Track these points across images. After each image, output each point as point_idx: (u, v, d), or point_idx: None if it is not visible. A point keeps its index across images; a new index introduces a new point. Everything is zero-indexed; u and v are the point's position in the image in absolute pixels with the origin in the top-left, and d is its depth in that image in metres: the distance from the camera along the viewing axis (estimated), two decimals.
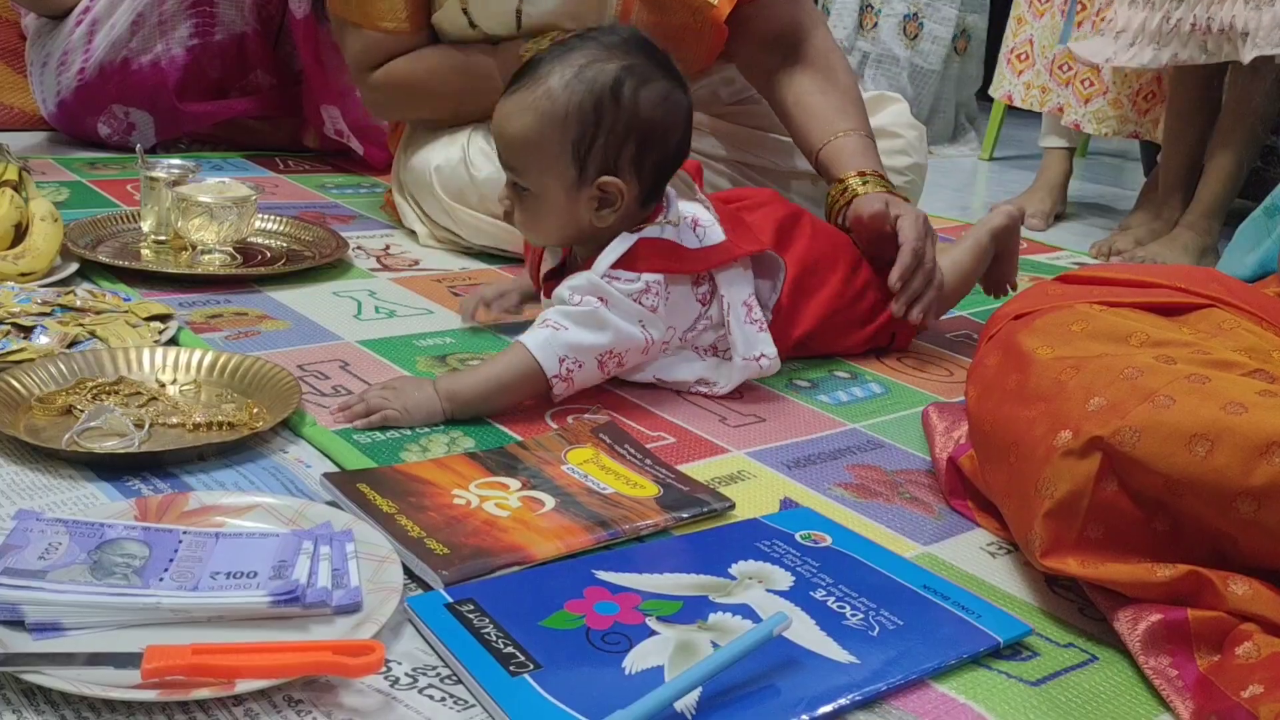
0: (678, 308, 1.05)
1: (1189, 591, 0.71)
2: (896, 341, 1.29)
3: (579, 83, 0.98)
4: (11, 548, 0.67)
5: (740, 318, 1.06)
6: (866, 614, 0.71)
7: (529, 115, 0.98)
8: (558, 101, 0.98)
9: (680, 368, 1.09)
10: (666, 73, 1.02)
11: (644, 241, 1.01)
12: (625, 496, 0.85)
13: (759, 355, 1.06)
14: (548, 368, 0.98)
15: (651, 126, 1.00)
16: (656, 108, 1.00)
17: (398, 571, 0.71)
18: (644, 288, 1.01)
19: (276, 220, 1.51)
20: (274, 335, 1.15)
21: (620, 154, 0.99)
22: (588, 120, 0.98)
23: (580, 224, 1.02)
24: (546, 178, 1.00)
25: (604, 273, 1.00)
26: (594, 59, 0.99)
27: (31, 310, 1.06)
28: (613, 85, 0.98)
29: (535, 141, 0.98)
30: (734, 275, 1.07)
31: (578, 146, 0.98)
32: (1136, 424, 0.70)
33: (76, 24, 1.92)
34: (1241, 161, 1.96)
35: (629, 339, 1.01)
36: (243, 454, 0.89)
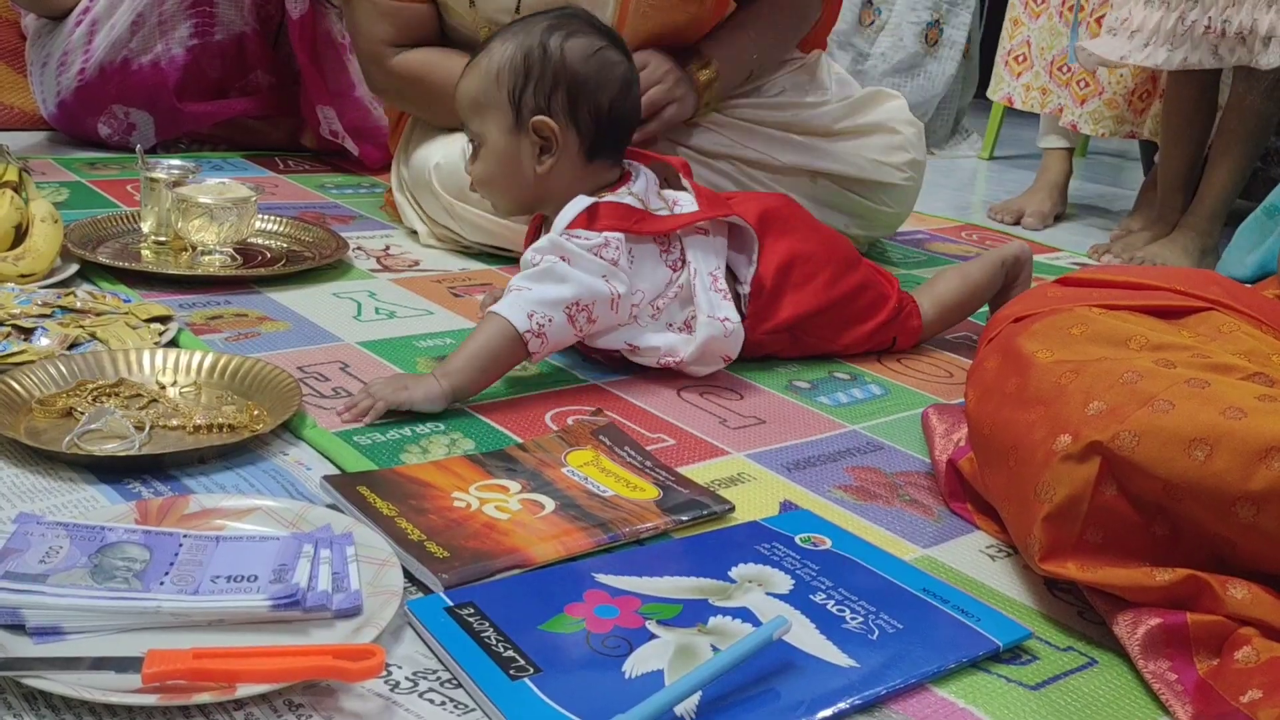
0: (644, 270, 1.09)
1: (1188, 595, 0.71)
2: (898, 344, 1.29)
3: (511, 41, 1.09)
4: (12, 551, 0.67)
5: (706, 284, 1.10)
6: (866, 617, 0.71)
7: (473, 75, 1.10)
8: (494, 59, 1.09)
9: (651, 336, 1.10)
10: (602, 34, 1.11)
11: (603, 204, 1.07)
12: (625, 499, 0.86)
13: (723, 318, 1.09)
14: (518, 324, 1.00)
15: (579, 74, 1.08)
16: (584, 58, 1.08)
17: (398, 575, 0.71)
18: (603, 242, 1.05)
19: (276, 221, 1.51)
20: (274, 337, 1.16)
21: (551, 99, 1.08)
22: (518, 69, 1.08)
23: (525, 174, 1.10)
24: (488, 125, 1.10)
25: (561, 231, 1.05)
26: (528, 24, 1.10)
27: (32, 312, 1.06)
28: (540, 36, 1.08)
29: (478, 96, 1.09)
30: (703, 244, 1.12)
31: (512, 94, 1.08)
32: (1136, 428, 0.71)
33: (76, 24, 1.92)
34: (1244, 163, 1.96)
35: (592, 291, 1.04)
36: (243, 456, 0.89)
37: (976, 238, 2.06)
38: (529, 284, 1.03)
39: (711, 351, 1.10)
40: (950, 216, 2.24)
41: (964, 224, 2.18)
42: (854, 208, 1.65)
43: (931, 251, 1.89)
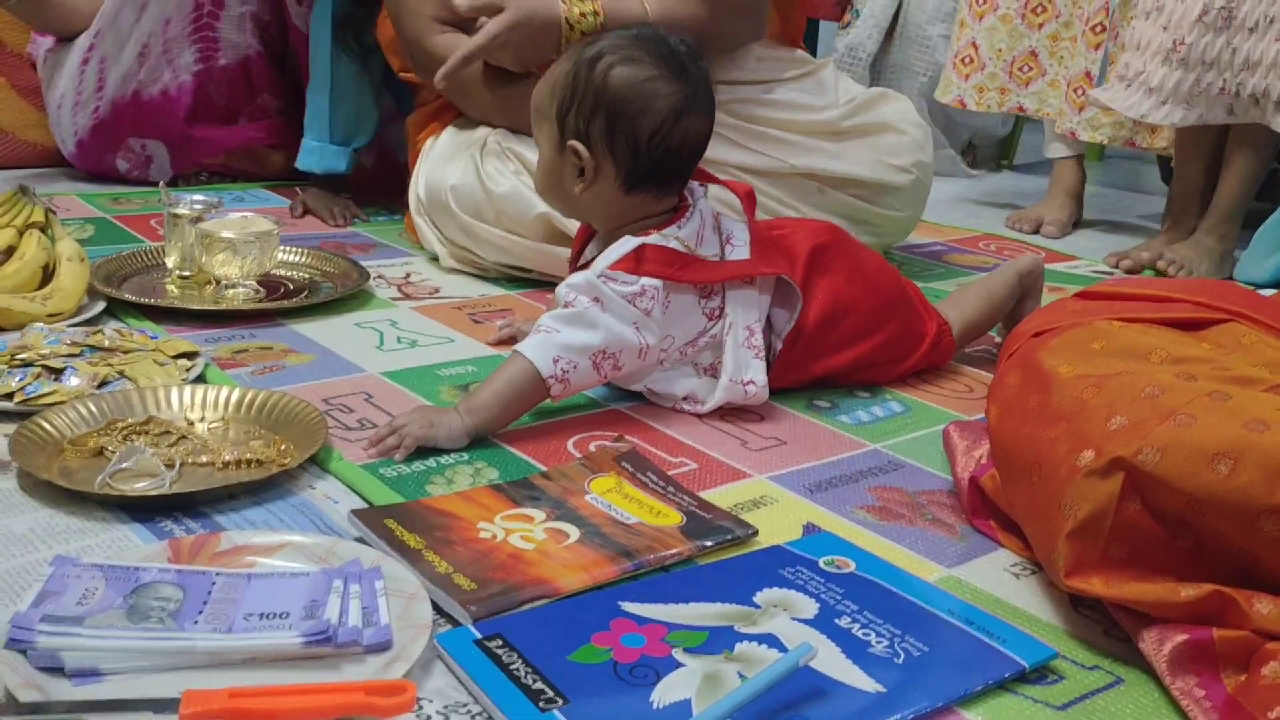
0: (679, 317, 1.07)
1: (1213, 611, 0.71)
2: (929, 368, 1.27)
3: (570, 57, 1.08)
4: (50, 594, 0.69)
5: (739, 339, 1.08)
6: (892, 641, 0.72)
7: (543, 81, 1.11)
8: (555, 73, 1.09)
9: (674, 382, 1.10)
10: (662, 64, 1.05)
11: (649, 247, 1.05)
12: (649, 526, 0.86)
13: (747, 380, 1.08)
14: (542, 369, 1.00)
15: (618, 103, 1.05)
16: (627, 85, 1.05)
17: (427, 608, 0.72)
18: (639, 290, 1.04)
19: (298, 252, 1.52)
20: (299, 369, 1.17)
21: (590, 125, 1.06)
22: (567, 87, 1.07)
23: (568, 191, 1.10)
24: (542, 137, 1.11)
25: (601, 272, 1.04)
26: (590, 42, 1.09)
27: (61, 351, 1.08)
28: (590, 58, 1.06)
29: (538, 104, 1.10)
30: (746, 297, 1.09)
31: (560, 110, 1.07)
32: (1158, 443, 0.71)
33: (84, 63, 1.95)
34: (1257, 165, 1.95)
35: (621, 340, 1.03)
36: (271, 491, 0.90)
37: (994, 248, 2.06)
38: (558, 325, 1.03)
39: (730, 405, 1.11)
40: (968, 226, 2.24)
41: (982, 234, 2.18)
42: (863, 215, 1.65)
43: (950, 264, 1.89)
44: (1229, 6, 1.78)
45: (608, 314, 1.03)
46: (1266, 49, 1.77)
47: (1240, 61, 1.79)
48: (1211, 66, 1.82)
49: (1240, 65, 1.79)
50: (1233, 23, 1.79)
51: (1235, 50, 1.79)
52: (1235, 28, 1.79)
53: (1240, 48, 1.79)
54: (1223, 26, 1.80)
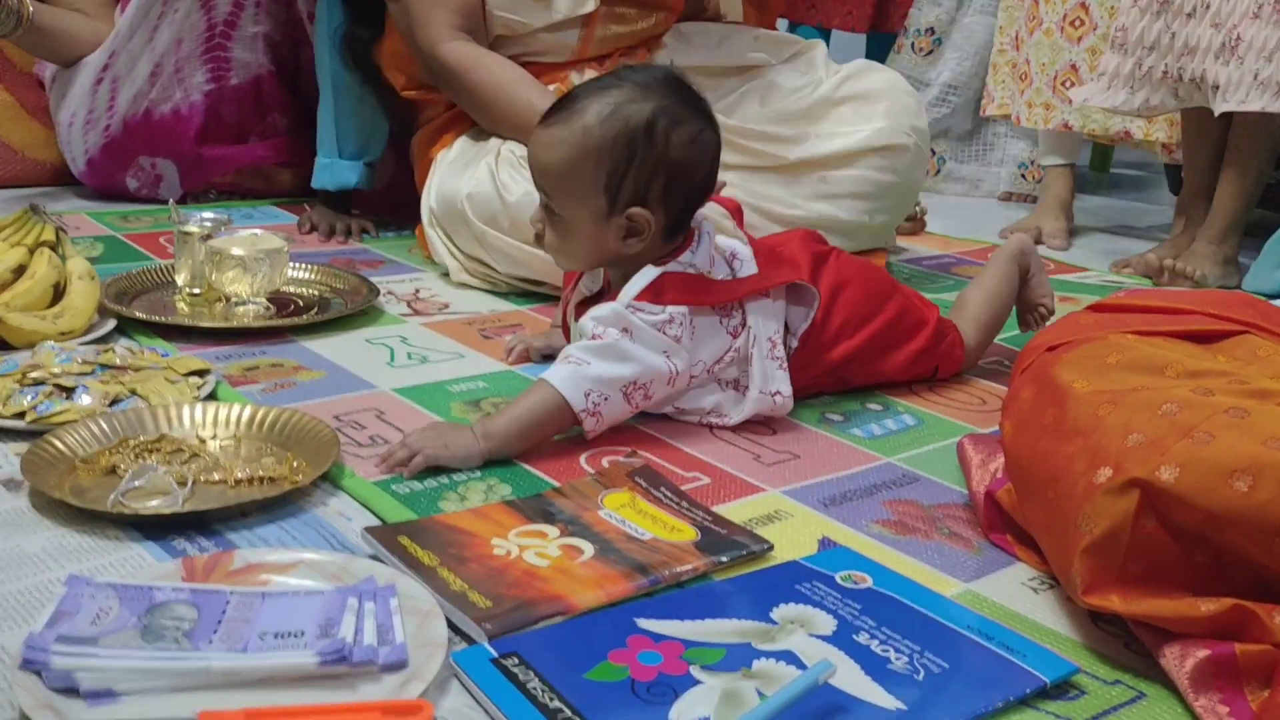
0: (705, 341, 1.07)
1: (1234, 625, 0.70)
2: (940, 372, 1.28)
3: (614, 120, 1.02)
4: (64, 614, 0.68)
5: (764, 352, 1.09)
6: (911, 657, 0.71)
7: (566, 148, 1.03)
8: (593, 136, 1.02)
9: (699, 398, 1.10)
10: (697, 112, 1.06)
11: (669, 275, 1.05)
12: (664, 541, 0.86)
13: (775, 392, 1.09)
14: (574, 403, 1.00)
15: (681, 164, 1.04)
16: (687, 147, 1.04)
17: (442, 626, 0.71)
18: (668, 319, 1.03)
19: (308, 269, 1.53)
20: (310, 386, 1.17)
21: (649, 188, 1.04)
22: (620, 156, 1.02)
23: (607, 251, 1.07)
24: (578, 206, 1.04)
25: (628, 304, 1.03)
26: (629, 98, 1.03)
27: (73, 370, 1.07)
28: (646, 124, 1.02)
29: (570, 172, 1.03)
30: (765, 307, 1.10)
31: (610, 179, 1.03)
32: (1177, 460, 0.70)
33: (97, 82, 1.95)
34: (1256, 172, 1.95)
35: (652, 370, 1.03)
36: (284, 509, 0.90)
37: None
38: (588, 358, 1.01)
39: (756, 416, 1.11)
40: (974, 238, 2.23)
41: (991, 245, 2.18)
42: (865, 187, 1.63)
43: (958, 275, 1.89)
44: None
45: (638, 344, 1.02)
46: (1203, 34, 1.80)
47: (1180, 46, 1.83)
48: (1152, 50, 1.85)
49: (1180, 50, 1.82)
50: (1169, 7, 1.83)
51: (1174, 35, 1.83)
52: (1173, 13, 1.83)
53: (1179, 32, 1.83)
54: (1160, 10, 1.84)
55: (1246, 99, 1.76)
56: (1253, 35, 1.75)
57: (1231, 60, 1.77)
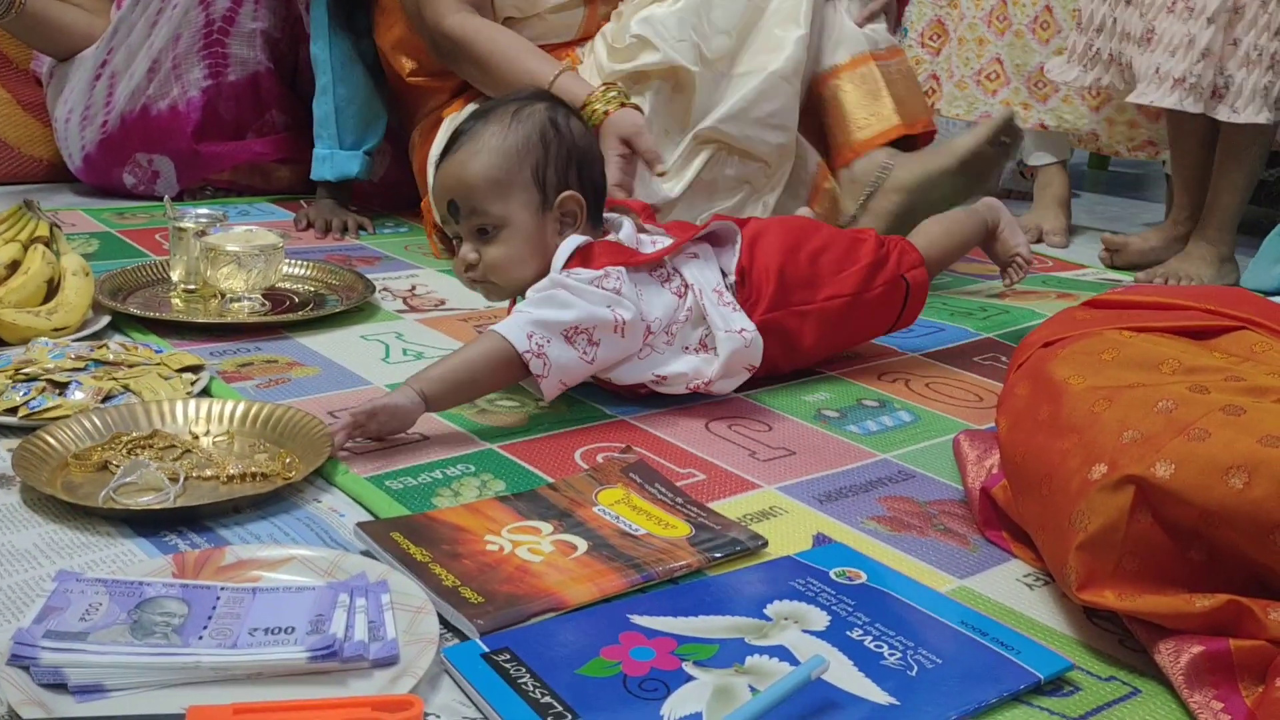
0: (650, 298, 1.11)
1: (1229, 621, 0.70)
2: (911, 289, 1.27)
3: (519, 122, 1.11)
4: (53, 609, 0.68)
5: (714, 302, 1.13)
6: (904, 653, 0.71)
7: (485, 155, 1.09)
8: (509, 138, 1.10)
9: (673, 363, 1.12)
10: (576, 112, 1.19)
11: (595, 243, 1.11)
12: (657, 537, 0.85)
13: (739, 329, 1.12)
14: (517, 343, 1.02)
15: (584, 150, 1.14)
16: (584, 135, 1.16)
17: (433, 622, 0.71)
18: (602, 274, 1.07)
19: (303, 265, 1.52)
20: (304, 382, 1.17)
21: (568, 174, 1.12)
22: (537, 148, 1.10)
23: (547, 250, 1.11)
24: (514, 206, 1.09)
25: (558, 269, 1.08)
26: (519, 105, 1.12)
27: (66, 366, 1.07)
28: (548, 119, 1.12)
29: (499, 175, 1.09)
30: (696, 265, 1.15)
31: (536, 172, 1.10)
32: (1172, 456, 0.70)
33: (95, 78, 1.95)
34: (1248, 169, 1.95)
35: (595, 316, 1.05)
36: (277, 505, 0.89)
37: None
38: (528, 307, 1.06)
39: (735, 365, 1.12)
40: None
41: None
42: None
43: (955, 271, 1.88)
44: None
45: (580, 297, 1.05)
46: (1133, 21, 1.85)
47: (1119, 30, 1.88)
48: (1100, 32, 1.91)
49: (1120, 34, 1.88)
50: None
51: (1115, 20, 1.89)
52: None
53: (1119, 17, 1.88)
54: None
55: (1145, 91, 1.81)
56: (1164, 29, 1.79)
57: (1145, 50, 1.82)
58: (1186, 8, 1.76)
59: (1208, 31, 1.74)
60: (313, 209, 1.89)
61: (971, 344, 1.43)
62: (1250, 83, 1.74)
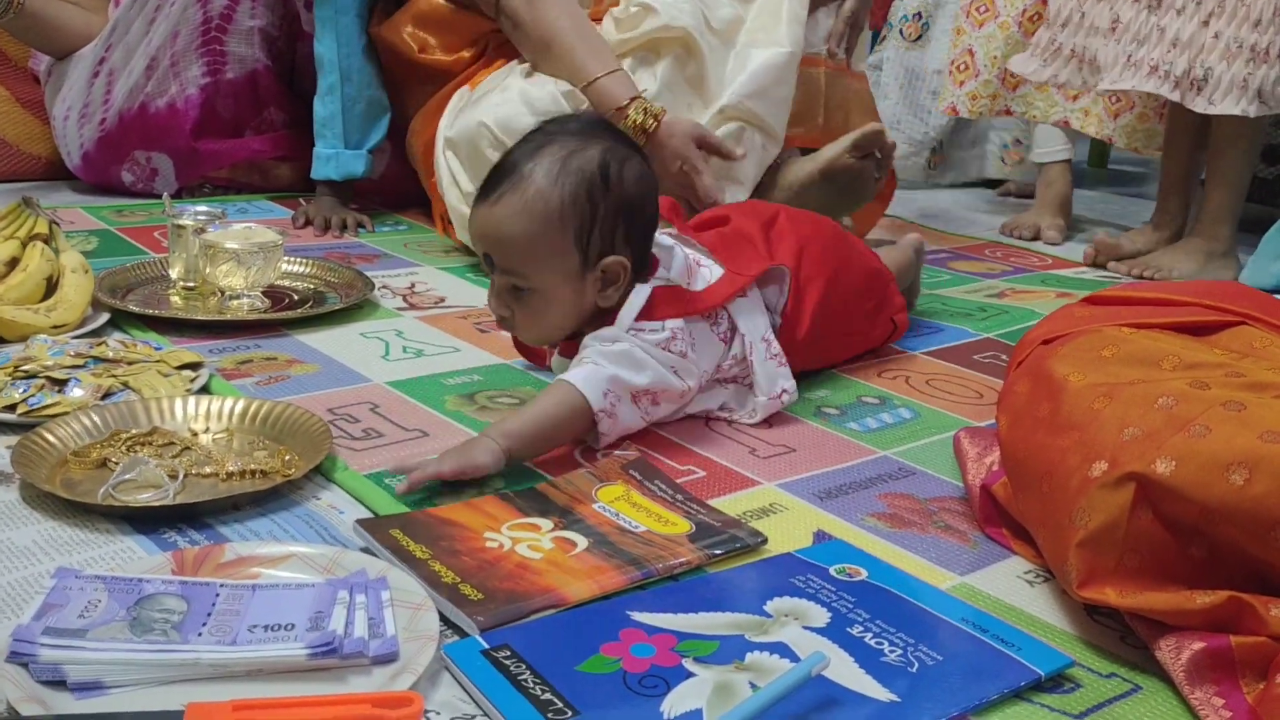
0: (704, 350, 1.07)
1: (1229, 617, 0.70)
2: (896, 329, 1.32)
3: (567, 175, 0.99)
4: (52, 606, 0.68)
5: (761, 355, 1.09)
6: (905, 650, 0.71)
7: (526, 217, 0.98)
8: (552, 198, 0.98)
9: (706, 400, 1.10)
10: (633, 146, 1.05)
11: (658, 290, 1.04)
12: (657, 534, 0.85)
13: (780, 392, 1.10)
14: (593, 400, 0.97)
15: (636, 201, 1.02)
16: (638, 183, 1.03)
17: (433, 619, 0.71)
18: (670, 335, 1.02)
19: (303, 262, 1.52)
20: (303, 379, 1.16)
21: (615, 233, 1.01)
22: (583, 209, 0.99)
23: (585, 309, 1.03)
24: (551, 273, 1.00)
25: (629, 327, 1.02)
26: (573, 148, 1.00)
27: (65, 363, 1.07)
28: (600, 170, 1.00)
29: (537, 240, 0.99)
30: (748, 306, 1.10)
31: (579, 236, 1.00)
32: (1173, 453, 0.70)
33: (93, 75, 1.94)
34: (1242, 166, 1.95)
35: (665, 382, 1.02)
36: (276, 502, 0.89)
37: (1000, 254, 2.05)
38: (603, 361, 0.99)
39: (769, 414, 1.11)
40: (968, 234, 2.23)
41: (988, 242, 2.17)
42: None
43: (955, 270, 1.88)
44: None
45: (651, 359, 1.01)
46: (1100, 13, 1.85)
47: (1087, 25, 1.88)
48: (1064, 27, 1.91)
49: (1088, 29, 1.88)
50: None
51: (1084, 14, 1.89)
52: None
53: (1089, 12, 1.88)
54: None
55: (1119, 78, 1.81)
56: (1130, 18, 1.80)
57: (1110, 39, 1.82)
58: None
59: (1177, 21, 1.75)
60: (312, 206, 1.88)
61: (971, 344, 1.43)
62: (1229, 75, 1.73)
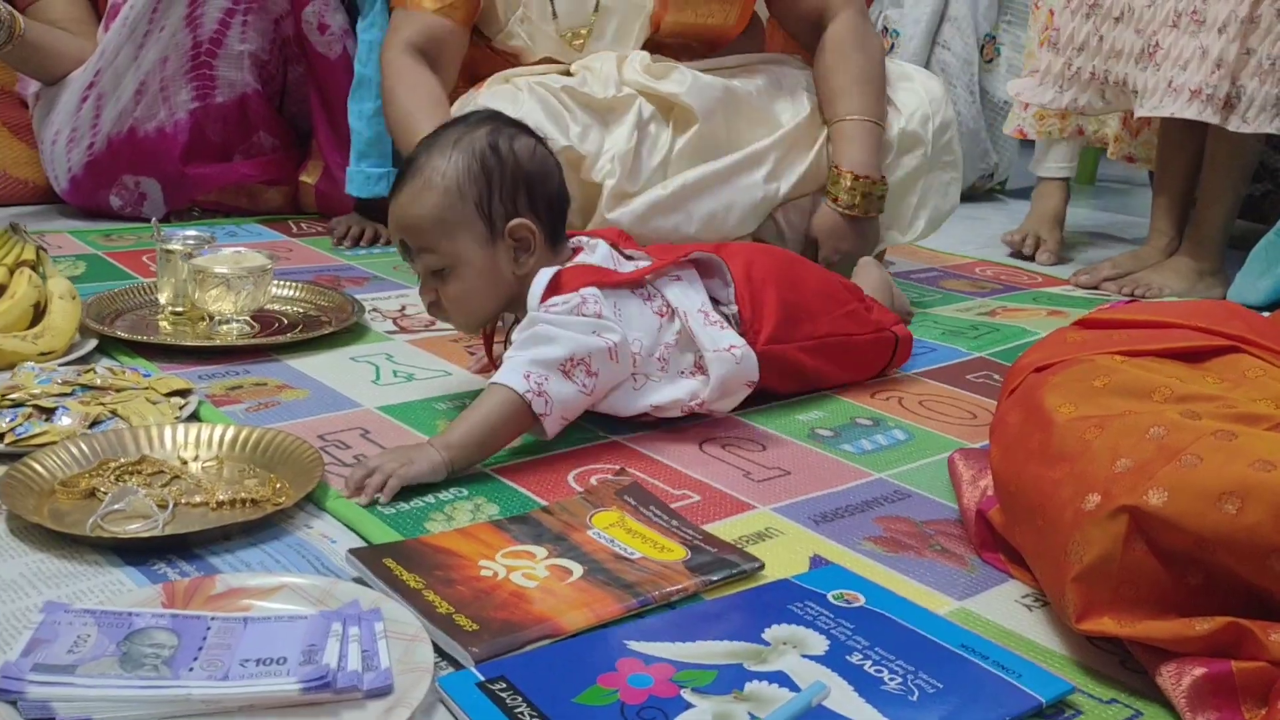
0: (632, 318, 1.09)
1: (1229, 643, 0.70)
2: (896, 360, 1.32)
3: (459, 152, 1.08)
4: (40, 642, 0.67)
5: (700, 323, 1.11)
6: (905, 677, 0.70)
7: (427, 193, 1.07)
8: (448, 172, 1.07)
9: (667, 390, 1.10)
10: (526, 130, 1.13)
11: (565, 270, 1.09)
12: (653, 561, 0.85)
13: (729, 347, 1.10)
14: (517, 386, 1.00)
15: (531, 171, 1.10)
16: (532, 156, 1.11)
17: (428, 650, 0.70)
18: (580, 301, 1.05)
19: (292, 286, 1.51)
20: (294, 405, 1.15)
21: (516, 200, 1.09)
22: (479, 179, 1.07)
23: (505, 280, 1.09)
24: (462, 243, 1.07)
25: (536, 307, 1.05)
26: (461, 133, 1.09)
27: (53, 391, 1.06)
28: (489, 144, 1.08)
29: (442, 214, 1.06)
30: (680, 287, 1.14)
31: (480, 204, 1.07)
32: (1165, 484, 0.70)
33: (82, 100, 1.94)
34: (1236, 184, 1.96)
35: (585, 345, 1.03)
36: (267, 531, 0.88)
37: (991, 273, 2.06)
38: (519, 350, 1.03)
39: (731, 383, 1.10)
40: (963, 253, 2.23)
41: (977, 260, 2.18)
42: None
43: (946, 289, 1.89)
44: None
45: (564, 329, 1.03)
46: (1127, 38, 1.85)
47: (1107, 49, 1.88)
48: (1081, 51, 1.91)
49: (1107, 52, 1.88)
50: (1098, 10, 1.88)
51: (1102, 38, 1.88)
52: (1102, 15, 1.88)
53: (1106, 35, 1.88)
54: (1089, 13, 1.89)
55: (1160, 104, 1.81)
56: (1170, 43, 1.79)
57: (1149, 66, 1.82)
58: (1193, 21, 1.76)
59: (1219, 41, 1.74)
60: (350, 218, 1.98)
61: (964, 363, 1.43)
62: (1263, 93, 1.74)
